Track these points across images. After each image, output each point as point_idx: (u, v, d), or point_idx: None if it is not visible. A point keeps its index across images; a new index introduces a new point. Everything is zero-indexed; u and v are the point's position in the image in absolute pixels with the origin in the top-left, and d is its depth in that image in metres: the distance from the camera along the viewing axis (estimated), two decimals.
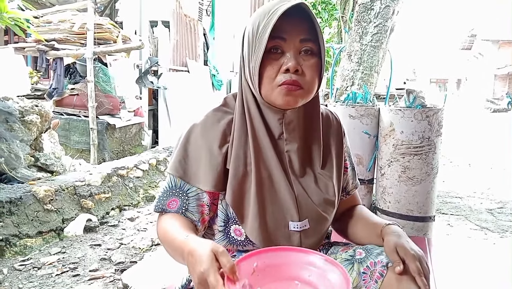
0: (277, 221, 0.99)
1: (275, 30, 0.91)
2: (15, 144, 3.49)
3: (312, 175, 1.05)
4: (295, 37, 0.94)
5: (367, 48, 3.64)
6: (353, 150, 1.22)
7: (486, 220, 3.76)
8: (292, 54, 0.94)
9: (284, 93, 0.94)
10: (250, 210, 0.98)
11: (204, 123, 1.02)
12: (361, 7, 3.72)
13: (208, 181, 0.98)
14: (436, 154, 2.56)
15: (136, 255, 2.88)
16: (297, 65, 0.93)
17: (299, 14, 0.93)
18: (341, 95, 3.44)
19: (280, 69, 0.94)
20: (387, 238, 0.97)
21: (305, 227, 1.01)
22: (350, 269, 0.99)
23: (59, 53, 5.32)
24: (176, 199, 1.00)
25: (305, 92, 0.96)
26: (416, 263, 0.90)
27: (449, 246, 2.59)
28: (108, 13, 10.14)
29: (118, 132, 5.51)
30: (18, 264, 2.65)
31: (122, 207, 3.82)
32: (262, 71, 0.95)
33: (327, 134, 1.11)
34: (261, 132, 1.00)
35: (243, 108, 1.01)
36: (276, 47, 0.95)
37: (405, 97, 2.63)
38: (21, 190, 3.05)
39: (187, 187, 1.00)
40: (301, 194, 1.01)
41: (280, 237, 1.00)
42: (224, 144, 1.00)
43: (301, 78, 0.94)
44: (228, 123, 1.02)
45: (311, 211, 1.02)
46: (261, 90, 0.97)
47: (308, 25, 0.94)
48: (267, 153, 1.00)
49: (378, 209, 2.78)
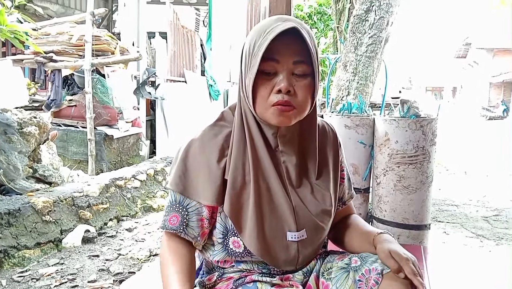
0: (275, 231, 1.01)
1: (268, 51, 0.92)
2: (14, 156, 3.51)
3: (309, 185, 1.06)
4: (288, 59, 0.95)
5: (362, 58, 3.69)
6: (349, 159, 1.25)
7: (482, 227, 3.78)
8: (285, 75, 0.95)
9: (277, 113, 0.96)
10: (248, 220, 1.00)
11: (202, 138, 1.04)
12: (356, 18, 3.78)
13: (207, 195, 1.00)
14: (430, 163, 2.60)
15: (135, 266, 2.89)
16: (289, 86, 0.95)
17: (294, 35, 0.94)
18: (336, 105, 3.48)
19: (273, 89, 0.96)
20: (379, 246, 1.00)
21: (302, 237, 1.02)
22: (345, 277, 1.01)
23: (57, 64, 5.36)
24: (176, 215, 1.03)
25: (298, 112, 0.98)
26: (411, 265, 0.93)
27: (445, 254, 2.61)
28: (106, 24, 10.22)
29: (116, 142, 5.54)
30: (17, 276, 2.66)
31: (120, 218, 3.83)
32: (255, 90, 0.97)
33: (324, 145, 1.12)
34: (259, 144, 1.02)
35: (242, 120, 1.03)
36: (268, 68, 0.96)
37: (399, 107, 2.68)
38: (20, 202, 3.06)
39: (187, 202, 1.03)
40: (299, 205, 1.03)
41: (278, 247, 1.02)
42: (222, 158, 1.02)
43: (294, 98, 0.96)
44: (226, 137, 1.04)
45: (309, 221, 1.04)
46: (255, 108, 0.99)
47: (302, 47, 0.95)
48: (265, 164, 1.02)
49: (374, 218, 2.81)
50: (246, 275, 1.07)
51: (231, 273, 1.08)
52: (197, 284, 1.12)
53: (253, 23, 9.49)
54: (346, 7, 6.57)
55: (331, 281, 1.03)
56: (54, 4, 8.86)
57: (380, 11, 3.68)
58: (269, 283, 1.04)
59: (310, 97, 0.99)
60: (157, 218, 3.92)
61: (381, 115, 3.00)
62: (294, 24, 0.93)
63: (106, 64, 5.53)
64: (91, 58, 5.13)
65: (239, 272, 1.08)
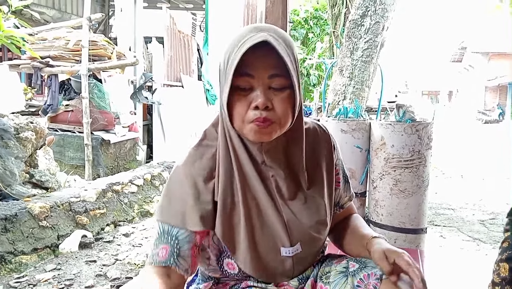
0: (268, 249, 0.99)
1: (242, 66, 0.87)
2: (10, 161, 3.50)
3: (302, 197, 1.02)
4: (262, 73, 0.90)
5: (358, 63, 3.72)
6: (345, 164, 1.22)
7: (479, 231, 3.80)
8: (261, 90, 0.90)
9: (255, 130, 0.91)
10: (241, 242, 0.97)
11: (187, 162, 0.99)
12: (352, 23, 3.81)
13: (196, 220, 0.95)
14: (426, 167, 2.61)
15: (132, 271, 2.88)
16: (266, 101, 0.89)
17: (269, 47, 0.87)
18: (333, 110, 3.50)
19: (250, 105, 0.91)
20: (373, 248, 0.99)
21: (297, 252, 1.01)
22: (344, 282, 0.99)
23: (54, 70, 5.36)
24: (165, 246, 0.94)
25: (278, 126, 0.92)
26: (406, 258, 0.92)
27: (442, 258, 2.62)
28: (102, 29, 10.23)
29: (113, 147, 5.53)
30: (14, 281, 2.65)
31: (117, 223, 3.82)
32: (232, 107, 0.92)
33: (315, 150, 1.08)
34: (245, 160, 0.98)
35: (225, 137, 0.98)
36: (243, 84, 0.91)
37: (395, 111, 2.69)
38: (16, 207, 3.05)
39: (176, 230, 0.95)
40: (291, 219, 1.00)
41: (272, 264, 1.00)
42: (210, 179, 0.98)
43: (272, 113, 0.90)
44: (212, 157, 1.00)
45: (303, 234, 1.01)
46: (233, 125, 0.94)
47: (278, 58, 0.88)
48: (253, 181, 0.98)
49: (371, 222, 2.82)
50: (241, 280, 1.07)
51: (227, 280, 1.09)
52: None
53: None
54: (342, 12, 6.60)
55: (329, 285, 1.02)
56: (50, 9, 8.86)
57: (375, 16, 3.71)
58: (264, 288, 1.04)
59: (291, 110, 0.93)
60: (154, 223, 3.91)
61: (377, 119, 3.02)
62: (265, 36, 0.86)
63: (103, 69, 5.53)
64: (87, 63, 5.13)
65: (235, 280, 1.08)
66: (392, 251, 0.95)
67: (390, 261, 0.93)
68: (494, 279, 1.41)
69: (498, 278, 1.38)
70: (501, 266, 1.38)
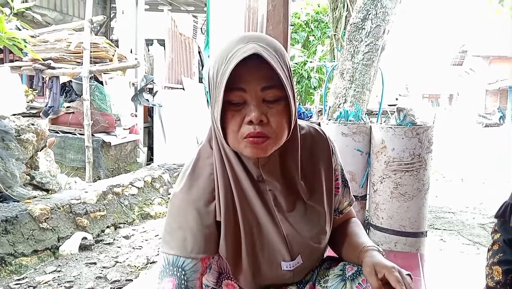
0: (269, 264, 0.98)
1: (233, 80, 0.84)
2: (11, 163, 3.51)
3: (301, 207, 1.01)
4: (255, 86, 0.86)
5: (358, 66, 3.72)
6: (346, 167, 1.19)
7: (479, 235, 3.79)
8: (254, 104, 0.86)
9: (250, 146, 0.88)
10: (243, 261, 0.96)
11: (184, 188, 0.96)
12: (353, 26, 3.81)
13: (201, 246, 0.92)
14: (427, 171, 2.61)
15: (132, 273, 2.88)
16: (260, 116, 0.86)
17: (258, 59, 0.84)
18: (333, 113, 3.50)
19: (243, 120, 0.87)
20: (364, 261, 0.96)
21: (298, 264, 1.00)
22: (342, 287, 0.99)
23: (55, 71, 5.37)
24: (172, 279, 0.91)
25: (274, 141, 0.89)
26: (395, 274, 0.88)
27: (442, 261, 2.62)
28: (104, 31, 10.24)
29: (114, 149, 5.54)
30: (14, 283, 2.65)
31: (117, 225, 3.82)
32: (225, 123, 0.89)
33: (314, 156, 1.05)
34: (242, 176, 0.95)
35: (220, 153, 0.96)
36: (236, 99, 0.87)
37: (395, 115, 2.70)
38: (17, 209, 3.05)
39: (181, 261, 0.92)
40: (291, 233, 0.99)
41: (273, 278, 1.00)
42: (211, 200, 0.95)
43: (267, 128, 0.87)
44: (209, 177, 0.96)
45: (303, 247, 1.00)
46: (227, 141, 0.91)
47: (270, 70, 0.85)
48: (251, 197, 0.96)
49: (372, 225, 2.82)
50: None
51: None
52: None
53: (251, 31, 9.53)
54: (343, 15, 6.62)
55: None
56: (52, 11, 8.88)
57: (376, 19, 3.72)
58: None
59: (287, 122, 0.90)
60: (154, 225, 3.91)
61: (377, 122, 3.02)
62: (255, 48, 0.83)
63: (104, 71, 5.55)
64: (89, 65, 5.15)
65: None
66: (382, 266, 0.91)
67: (379, 276, 0.90)
68: (488, 283, 1.40)
69: (492, 282, 1.38)
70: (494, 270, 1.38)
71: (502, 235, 1.39)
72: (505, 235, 1.37)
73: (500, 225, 1.40)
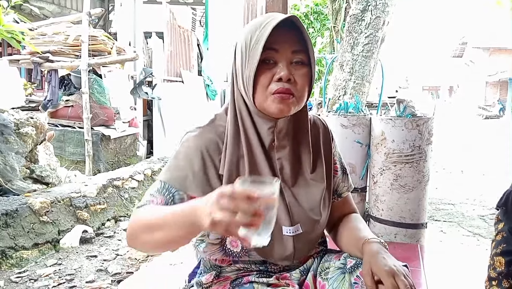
0: None
1: (267, 42, 0.94)
2: (11, 156, 3.51)
3: (303, 180, 1.07)
4: (287, 49, 0.98)
5: (358, 58, 3.70)
6: (345, 159, 1.24)
7: (479, 226, 3.80)
8: (284, 64, 0.98)
9: (278, 101, 0.97)
10: None
11: (197, 134, 1.04)
12: (352, 18, 3.79)
13: (197, 187, 0.99)
14: (427, 162, 2.61)
15: (133, 266, 2.89)
16: (289, 74, 0.97)
17: (291, 27, 0.97)
18: (333, 105, 3.49)
19: (273, 78, 0.98)
20: (364, 258, 0.98)
21: (297, 232, 1.03)
22: (342, 279, 1.00)
23: (53, 65, 5.35)
24: (161, 199, 0.99)
25: (297, 99, 1.00)
26: (390, 279, 0.89)
27: (442, 253, 2.62)
28: (102, 24, 10.20)
29: (113, 143, 5.53)
30: (15, 276, 2.66)
31: (117, 218, 3.83)
32: (256, 80, 0.98)
33: (316, 139, 1.13)
34: (254, 142, 1.03)
35: (236, 118, 1.04)
36: (269, 58, 0.98)
37: (395, 106, 2.69)
38: (17, 202, 3.06)
39: (174, 190, 1.00)
40: (292, 202, 1.05)
41: (274, 242, 1.01)
42: (217, 151, 1.03)
43: (293, 86, 0.98)
44: (220, 134, 1.05)
45: (303, 216, 1.05)
46: (255, 99, 1.00)
47: (299, 37, 0.98)
48: (260, 162, 1.03)
49: (372, 217, 2.82)
50: (243, 275, 1.07)
51: (229, 273, 1.09)
52: (194, 283, 1.12)
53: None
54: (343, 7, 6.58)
55: (327, 281, 1.03)
56: (50, 4, 8.84)
57: (376, 10, 3.69)
58: (265, 283, 1.05)
59: (308, 86, 1.01)
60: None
61: (377, 114, 3.01)
62: (290, 14, 0.96)
63: (102, 64, 5.52)
64: (87, 58, 5.12)
65: (236, 272, 1.08)
66: (379, 269, 0.91)
67: (376, 278, 0.91)
68: (490, 274, 1.39)
69: (494, 272, 1.37)
70: (496, 260, 1.37)
71: (506, 224, 1.37)
72: (509, 224, 1.36)
73: (503, 214, 1.39)
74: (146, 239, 0.91)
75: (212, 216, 0.74)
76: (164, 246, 0.94)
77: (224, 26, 8.63)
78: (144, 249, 0.99)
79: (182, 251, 2.48)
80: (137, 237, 0.93)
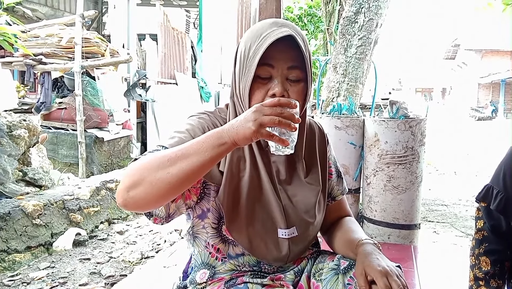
0: (265, 227, 1.03)
1: (264, 57, 0.94)
2: (3, 159, 3.48)
3: (298, 183, 1.09)
4: (283, 64, 0.98)
5: (352, 60, 3.72)
6: (339, 160, 1.26)
7: (472, 227, 3.82)
8: (279, 80, 0.98)
9: None
10: (239, 213, 1.02)
11: (203, 115, 1.08)
12: (346, 20, 3.81)
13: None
14: (420, 163, 2.63)
15: (126, 269, 2.88)
16: (283, 90, 0.97)
17: (288, 41, 0.96)
18: (327, 106, 3.50)
19: (267, 93, 0.98)
20: (357, 259, 0.98)
21: (293, 235, 1.04)
22: (335, 280, 1.01)
23: (46, 67, 5.33)
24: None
25: None
26: (384, 279, 0.89)
27: (435, 253, 2.64)
28: (96, 26, 10.18)
29: (107, 145, 5.51)
30: (7, 280, 2.64)
31: (111, 221, 3.81)
32: (250, 94, 0.99)
33: (312, 143, 1.15)
34: (254, 143, 1.04)
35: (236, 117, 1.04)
36: (264, 73, 0.98)
37: (388, 108, 2.70)
38: (10, 205, 3.03)
39: None
40: (287, 204, 1.06)
41: (270, 244, 1.03)
42: None
43: None
44: (223, 122, 1.07)
45: (298, 219, 1.06)
46: None
47: (297, 52, 0.97)
48: (258, 163, 1.04)
49: (365, 218, 2.83)
50: (237, 276, 1.07)
51: (222, 274, 1.09)
52: (188, 282, 1.12)
53: (244, 25, 9.50)
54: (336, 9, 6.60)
55: (321, 282, 1.04)
56: (43, 6, 8.79)
57: (369, 13, 3.72)
58: (259, 284, 1.05)
59: (302, 102, 1.01)
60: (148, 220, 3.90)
61: (371, 116, 3.03)
62: (290, 31, 0.95)
63: (96, 66, 5.50)
64: (81, 60, 5.10)
65: (230, 272, 1.09)
66: (372, 269, 0.92)
67: (369, 278, 0.92)
68: (476, 274, 1.40)
69: (481, 272, 1.38)
70: (481, 260, 1.38)
71: (486, 222, 1.38)
72: (489, 221, 1.37)
73: (484, 210, 1.40)
74: (159, 176, 0.82)
75: (259, 121, 0.80)
76: (182, 179, 0.83)
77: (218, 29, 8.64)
78: (147, 194, 0.84)
79: (175, 254, 2.48)
80: (144, 178, 0.83)
